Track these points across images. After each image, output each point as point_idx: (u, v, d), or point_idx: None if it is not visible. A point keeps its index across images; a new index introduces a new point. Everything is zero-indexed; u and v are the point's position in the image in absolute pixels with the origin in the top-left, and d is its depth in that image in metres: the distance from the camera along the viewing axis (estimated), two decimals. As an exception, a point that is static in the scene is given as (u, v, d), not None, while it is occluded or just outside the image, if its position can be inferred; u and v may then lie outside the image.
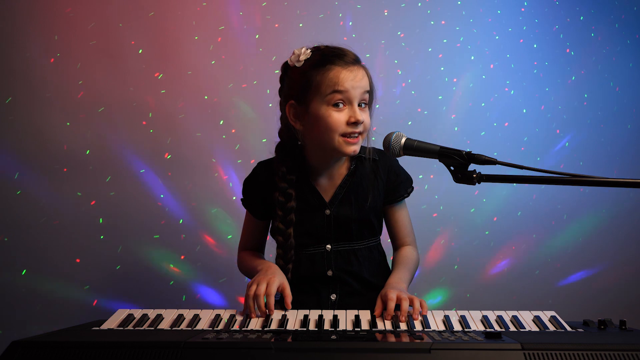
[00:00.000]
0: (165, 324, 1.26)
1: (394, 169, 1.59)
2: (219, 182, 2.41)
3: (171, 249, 2.37)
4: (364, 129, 1.44)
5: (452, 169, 1.20)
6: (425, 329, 1.22)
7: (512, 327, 1.23)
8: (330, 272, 1.53)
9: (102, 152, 2.36)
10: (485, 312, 1.31)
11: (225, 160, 2.42)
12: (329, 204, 1.53)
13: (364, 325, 1.25)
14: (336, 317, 1.28)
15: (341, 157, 1.53)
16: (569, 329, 1.22)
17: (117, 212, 2.35)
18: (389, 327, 1.25)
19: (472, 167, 1.18)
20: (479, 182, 1.16)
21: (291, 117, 1.48)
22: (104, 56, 2.37)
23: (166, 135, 2.39)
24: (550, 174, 1.10)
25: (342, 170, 1.55)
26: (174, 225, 2.38)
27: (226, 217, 2.40)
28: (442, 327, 1.23)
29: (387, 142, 1.28)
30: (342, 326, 1.24)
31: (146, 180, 2.38)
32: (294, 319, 1.29)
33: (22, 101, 2.33)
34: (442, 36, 2.53)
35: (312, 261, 1.54)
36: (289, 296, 1.36)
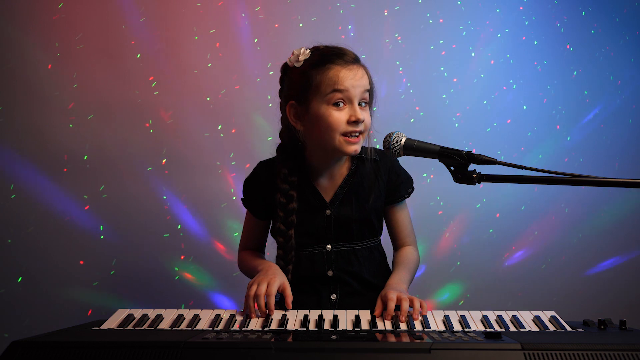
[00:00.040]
0: (165, 324, 1.26)
1: (394, 169, 1.58)
2: (220, 182, 2.41)
3: (171, 249, 2.37)
4: (364, 128, 1.44)
5: (452, 169, 1.20)
6: (425, 329, 1.22)
7: (512, 327, 1.23)
8: (330, 272, 1.53)
9: (102, 153, 2.36)
10: (485, 312, 1.31)
11: (225, 160, 2.42)
12: (330, 204, 1.53)
13: (364, 325, 1.25)
14: (336, 317, 1.28)
15: (342, 157, 1.53)
16: (569, 329, 1.22)
17: (117, 213, 2.35)
18: (389, 327, 1.24)
19: (472, 167, 1.18)
20: (479, 182, 1.16)
21: (292, 118, 1.48)
22: (104, 56, 2.37)
23: (167, 135, 2.39)
24: (550, 174, 1.11)
25: (342, 170, 1.55)
26: (174, 225, 2.38)
27: (228, 217, 2.40)
28: (442, 327, 1.23)
29: (387, 142, 1.28)
30: (342, 326, 1.24)
31: (147, 180, 2.37)
32: (294, 319, 1.29)
33: (22, 101, 2.33)
34: (442, 35, 2.53)
35: (312, 261, 1.54)
36: (290, 296, 1.36)
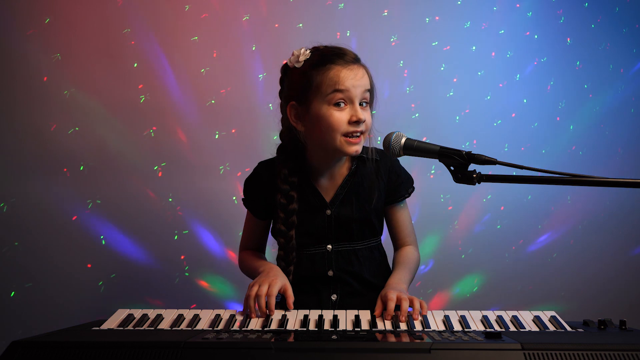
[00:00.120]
0: (165, 324, 1.26)
1: (394, 169, 1.58)
2: (221, 182, 2.41)
3: (172, 249, 2.37)
4: (365, 128, 1.44)
5: (452, 169, 1.20)
6: (425, 329, 1.22)
7: (512, 327, 1.23)
8: (330, 272, 1.53)
9: (103, 154, 2.36)
10: (485, 312, 1.31)
11: (226, 160, 2.42)
12: (330, 204, 1.53)
13: (364, 325, 1.25)
14: (336, 317, 1.28)
15: (342, 157, 1.53)
16: (569, 329, 1.22)
17: (117, 213, 2.35)
18: (389, 327, 1.24)
19: (472, 167, 1.18)
20: (479, 182, 1.17)
21: (292, 118, 1.48)
22: (104, 56, 2.37)
23: (167, 136, 2.39)
24: (550, 174, 1.11)
25: (343, 170, 1.55)
26: (174, 225, 2.38)
27: (229, 217, 2.39)
28: (442, 327, 1.23)
29: (387, 142, 1.28)
30: (342, 326, 1.24)
31: (147, 181, 2.37)
32: (294, 319, 1.29)
33: (22, 101, 2.33)
34: (441, 34, 2.53)
35: (312, 261, 1.54)
36: (291, 297, 1.36)
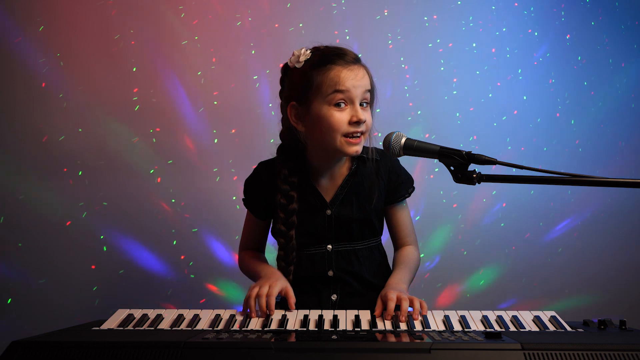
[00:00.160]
0: (165, 324, 1.26)
1: (394, 169, 1.58)
2: (221, 182, 2.41)
3: (172, 250, 2.37)
4: (366, 129, 1.44)
5: (452, 169, 1.20)
6: (425, 329, 1.22)
7: (512, 327, 1.23)
8: (330, 272, 1.53)
9: (104, 154, 2.35)
10: (485, 312, 1.31)
11: (226, 160, 2.41)
12: (330, 204, 1.53)
13: (364, 325, 1.25)
14: (336, 317, 1.28)
15: (342, 158, 1.53)
16: (569, 329, 1.22)
17: (117, 213, 2.34)
18: (389, 327, 1.24)
19: (472, 167, 1.18)
20: (479, 182, 1.17)
21: (293, 119, 1.48)
22: (104, 56, 2.36)
23: (168, 136, 2.39)
24: (550, 174, 1.11)
25: (343, 170, 1.55)
26: (174, 225, 2.38)
27: (230, 218, 2.39)
28: (442, 327, 1.23)
29: (387, 142, 1.28)
30: (342, 326, 1.24)
31: (147, 181, 2.37)
32: (294, 319, 1.29)
33: (23, 101, 2.33)
34: (441, 33, 2.52)
35: (312, 261, 1.54)
36: (293, 297, 1.36)
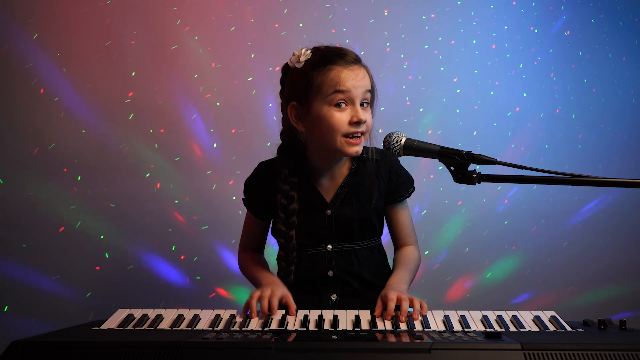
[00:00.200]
0: (165, 324, 1.26)
1: (395, 169, 1.58)
2: (221, 182, 2.41)
3: (172, 250, 2.37)
4: (366, 129, 1.44)
5: (452, 169, 1.20)
6: (425, 329, 1.22)
7: (512, 327, 1.23)
8: (331, 273, 1.53)
9: (104, 154, 2.35)
10: (485, 312, 1.31)
11: (226, 160, 2.42)
12: (330, 204, 1.53)
13: (364, 325, 1.25)
14: (336, 317, 1.28)
15: (342, 158, 1.53)
16: (569, 329, 1.22)
17: (118, 213, 2.35)
18: (389, 327, 1.24)
19: (472, 167, 1.18)
20: (479, 182, 1.17)
21: (293, 119, 1.47)
22: (105, 56, 2.36)
23: (168, 136, 2.39)
24: (550, 174, 1.11)
25: (343, 170, 1.55)
26: (174, 226, 2.38)
27: (230, 218, 2.39)
28: (442, 327, 1.23)
29: (387, 142, 1.28)
30: (342, 326, 1.24)
31: (147, 181, 2.37)
32: (294, 319, 1.29)
33: (23, 101, 2.32)
34: (440, 33, 2.53)
35: (312, 261, 1.54)
36: (293, 305, 1.36)
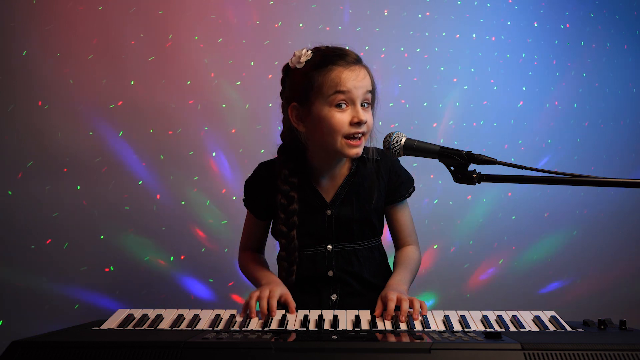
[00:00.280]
0: (165, 324, 1.26)
1: (395, 169, 1.58)
2: (221, 183, 2.41)
3: (172, 250, 2.37)
4: (367, 129, 1.44)
5: (452, 169, 1.20)
6: (425, 329, 1.22)
7: (512, 327, 1.23)
8: (331, 273, 1.53)
9: (103, 153, 2.35)
10: (485, 312, 1.31)
11: (225, 160, 2.41)
12: (330, 205, 1.53)
13: (364, 325, 1.25)
14: (336, 317, 1.28)
15: (343, 158, 1.52)
16: (569, 329, 1.22)
17: (118, 213, 2.35)
18: (389, 327, 1.24)
19: (472, 167, 1.18)
20: (479, 182, 1.16)
21: (294, 119, 1.47)
22: (105, 56, 2.36)
23: (167, 136, 2.39)
24: (550, 174, 1.11)
25: (343, 170, 1.55)
26: (174, 226, 2.38)
27: (229, 218, 2.39)
28: (442, 327, 1.23)
29: (387, 142, 1.28)
30: (342, 326, 1.24)
31: (147, 181, 2.37)
32: (294, 319, 1.29)
33: (22, 101, 2.33)
34: (440, 33, 2.52)
35: (313, 261, 1.54)
36: (293, 303, 1.36)
